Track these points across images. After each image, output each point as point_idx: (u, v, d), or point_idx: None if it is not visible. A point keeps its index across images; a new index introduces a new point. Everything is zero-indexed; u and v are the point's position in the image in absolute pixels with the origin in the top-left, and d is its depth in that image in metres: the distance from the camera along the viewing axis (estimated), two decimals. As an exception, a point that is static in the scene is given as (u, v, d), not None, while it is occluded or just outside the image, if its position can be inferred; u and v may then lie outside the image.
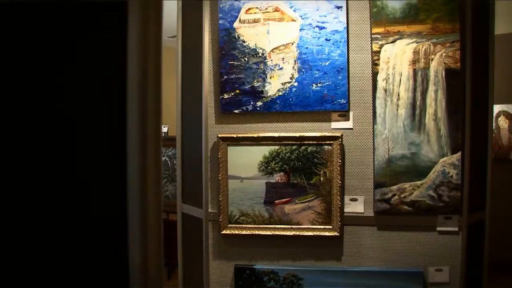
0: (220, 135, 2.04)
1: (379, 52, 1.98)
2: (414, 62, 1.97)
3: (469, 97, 1.97)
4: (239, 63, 2.04)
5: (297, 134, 2.00)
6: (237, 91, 2.04)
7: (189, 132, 2.23)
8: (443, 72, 1.95)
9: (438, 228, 2.00)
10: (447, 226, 1.99)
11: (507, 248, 3.69)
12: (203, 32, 2.08)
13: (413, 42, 1.97)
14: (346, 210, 2.03)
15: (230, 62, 2.04)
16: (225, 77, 2.05)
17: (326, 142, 1.99)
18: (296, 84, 2.00)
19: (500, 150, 3.86)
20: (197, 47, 2.11)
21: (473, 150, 2.00)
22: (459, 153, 1.95)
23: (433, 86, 1.96)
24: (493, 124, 3.86)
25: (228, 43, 2.04)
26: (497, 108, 3.86)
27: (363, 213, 2.03)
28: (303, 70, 2.00)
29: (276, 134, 2.02)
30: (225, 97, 2.05)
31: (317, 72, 1.99)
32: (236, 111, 2.05)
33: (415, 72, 1.96)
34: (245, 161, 2.04)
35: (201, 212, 2.13)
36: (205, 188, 2.10)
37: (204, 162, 2.10)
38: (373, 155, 1.99)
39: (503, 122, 3.83)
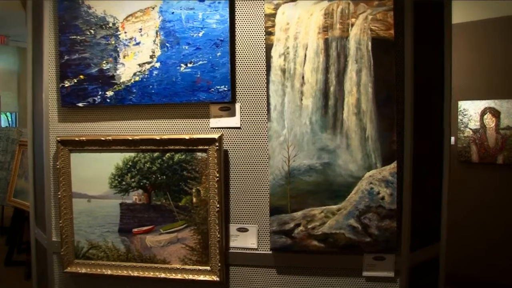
0: (59, 138, 1.35)
1: (274, 15, 1.23)
2: (326, 29, 1.21)
3: (409, 79, 1.20)
4: (84, 37, 1.33)
5: (157, 137, 1.28)
6: (81, 76, 1.34)
7: (38, 133, 1.54)
8: (369, 43, 1.19)
9: (365, 273, 1.24)
10: (377, 270, 1.23)
11: (500, 261, 2.85)
12: (44, -3, 1.40)
13: (323, 0, 1.21)
14: (232, 244, 1.29)
15: (72, 37, 1.34)
16: (65, 57, 1.35)
17: (199, 147, 1.26)
18: (158, 64, 1.28)
19: (486, 153, 3.00)
20: (40, 19, 1.42)
21: (418, 158, 1.23)
22: (394, 164, 1.19)
23: (355, 64, 1.21)
24: (478, 123, 3.01)
25: (69, 10, 1.34)
26: (482, 105, 3.00)
27: (256, 249, 1.29)
28: (167, 44, 1.28)
29: (130, 137, 1.30)
30: (66, 85, 1.35)
31: (186, 47, 1.26)
32: (80, 105, 1.34)
33: (327, 44, 1.21)
34: (93, 174, 1.34)
35: (46, 240, 1.44)
36: (47, 208, 1.41)
37: (46, 173, 1.41)
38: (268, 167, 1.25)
39: (489, 121, 2.97)
